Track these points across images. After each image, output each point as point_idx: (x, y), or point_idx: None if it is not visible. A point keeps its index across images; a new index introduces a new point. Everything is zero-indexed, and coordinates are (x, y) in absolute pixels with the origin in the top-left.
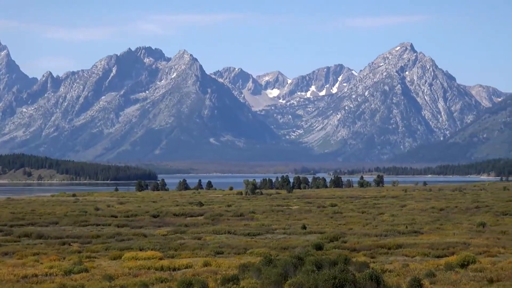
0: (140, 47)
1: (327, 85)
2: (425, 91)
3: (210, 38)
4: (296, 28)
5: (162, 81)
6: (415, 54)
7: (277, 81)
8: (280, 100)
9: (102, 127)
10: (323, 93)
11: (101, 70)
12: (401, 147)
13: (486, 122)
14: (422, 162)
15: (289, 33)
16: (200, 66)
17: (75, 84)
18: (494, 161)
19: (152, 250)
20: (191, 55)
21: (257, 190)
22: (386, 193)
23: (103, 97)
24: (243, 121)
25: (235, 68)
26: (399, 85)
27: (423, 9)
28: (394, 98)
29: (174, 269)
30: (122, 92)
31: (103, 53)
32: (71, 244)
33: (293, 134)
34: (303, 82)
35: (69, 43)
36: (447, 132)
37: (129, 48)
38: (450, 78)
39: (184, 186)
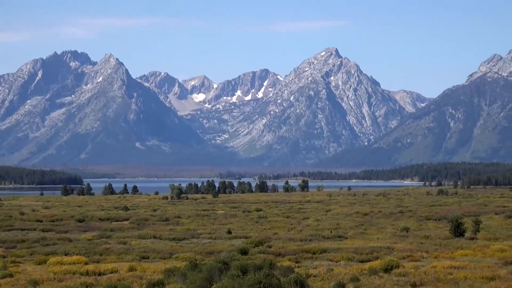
0: (66, 50)
1: (253, 90)
2: (349, 96)
3: (135, 42)
4: (221, 33)
5: (88, 85)
6: (340, 59)
7: (203, 86)
8: (206, 105)
9: (28, 131)
10: (248, 97)
11: (26, 73)
12: (326, 152)
13: (409, 127)
14: (347, 167)
15: (215, 38)
16: (126, 70)
17: (0, 88)
18: (417, 166)
19: (77, 254)
20: (117, 59)
21: (183, 195)
22: (311, 198)
23: (28, 101)
24: (169, 126)
25: (161, 73)
26: (324, 90)
27: (347, 14)
28: (319, 103)
29: (100, 274)
30: (48, 96)
31: (29, 57)
32: None
33: (218, 138)
34: (229, 87)
35: None
36: (371, 137)
37: (55, 52)
38: (375, 83)
39: (109, 190)
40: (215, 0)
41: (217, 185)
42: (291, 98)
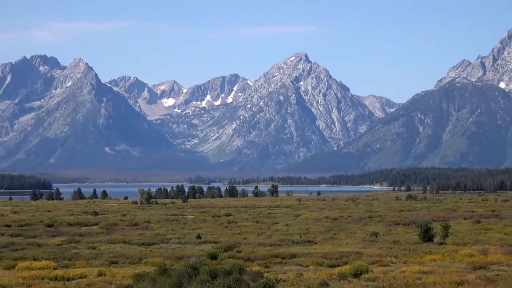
0: (35, 55)
1: (222, 95)
2: (319, 101)
3: (105, 47)
4: (191, 37)
5: (58, 90)
6: (309, 64)
7: (173, 90)
8: (176, 110)
9: None
10: (218, 102)
11: None
12: (296, 156)
13: (379, 133)
14: (316, 172)
15: (185, 42)
16: (96, 75)
17: None
18: (386, 171)
19: (46, 259)
20: (86, 63)
21: (152, 200)
22: (281, 202)
23: None
24: (139, 130)
25: (130, 77)
26: (293, 95)
27: (317, 19)
28: (288, 108)
29: (68, 279)
30: (17, 101)
31: None
32: None
33: (188, 143)
34: (198, 92)
35: None
36: (341, 142)
37: (24, 56)
38: (344, 88)
39: (79, 195)
40: (184, 5)
41: (186, 190)
42: (261, 103)
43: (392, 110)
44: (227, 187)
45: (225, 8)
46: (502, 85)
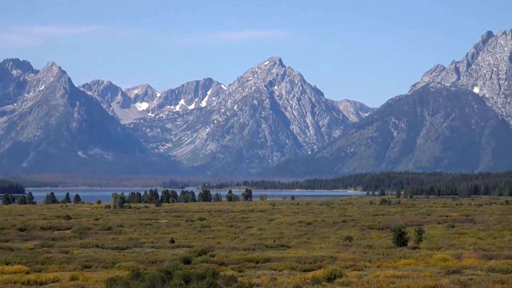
0: (7, 58)
1: (196, 99)
2: (293, 105)
3: (78, 51)
4: (165, 41)
5: (30, 93)
6: (283, 68)
7: (146, 94)
8: (149, 114)
9: None
10: (192, 106)
11: None
12: (270, 161)
13: (353, 137)
14: (290, 176)
15: (158, 46)
16: (69, 79)
17: None
18: (360, 176)
19: (18, 264)
20: (59, 67)
21: (126, 204)
22: (255, 207)
23: None
24: (112, 134)
25: (104, 81)
26: (267, 100)
27: (291, 23)
28: (262, 112)
29: (41, 284)
30: None
31: None
32: None
33: (162, 147)
34: (172, 96)
35: None
36: (315, 146)
37: None
38: (318, 93)
39: (51, 199)
40: (159, 9)
41: (160, 194)
42: (235, 107)
43: (366, 114)
44: (201, 191)
45: (199, 12)
46: (476, 90)
